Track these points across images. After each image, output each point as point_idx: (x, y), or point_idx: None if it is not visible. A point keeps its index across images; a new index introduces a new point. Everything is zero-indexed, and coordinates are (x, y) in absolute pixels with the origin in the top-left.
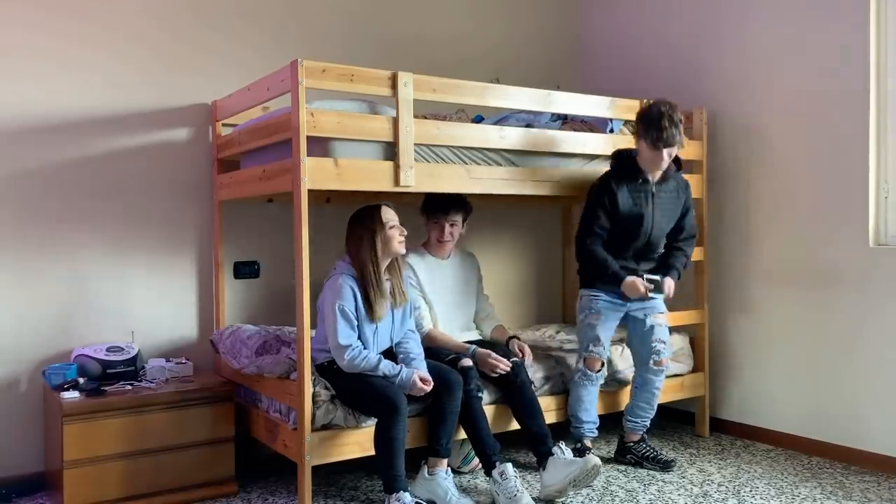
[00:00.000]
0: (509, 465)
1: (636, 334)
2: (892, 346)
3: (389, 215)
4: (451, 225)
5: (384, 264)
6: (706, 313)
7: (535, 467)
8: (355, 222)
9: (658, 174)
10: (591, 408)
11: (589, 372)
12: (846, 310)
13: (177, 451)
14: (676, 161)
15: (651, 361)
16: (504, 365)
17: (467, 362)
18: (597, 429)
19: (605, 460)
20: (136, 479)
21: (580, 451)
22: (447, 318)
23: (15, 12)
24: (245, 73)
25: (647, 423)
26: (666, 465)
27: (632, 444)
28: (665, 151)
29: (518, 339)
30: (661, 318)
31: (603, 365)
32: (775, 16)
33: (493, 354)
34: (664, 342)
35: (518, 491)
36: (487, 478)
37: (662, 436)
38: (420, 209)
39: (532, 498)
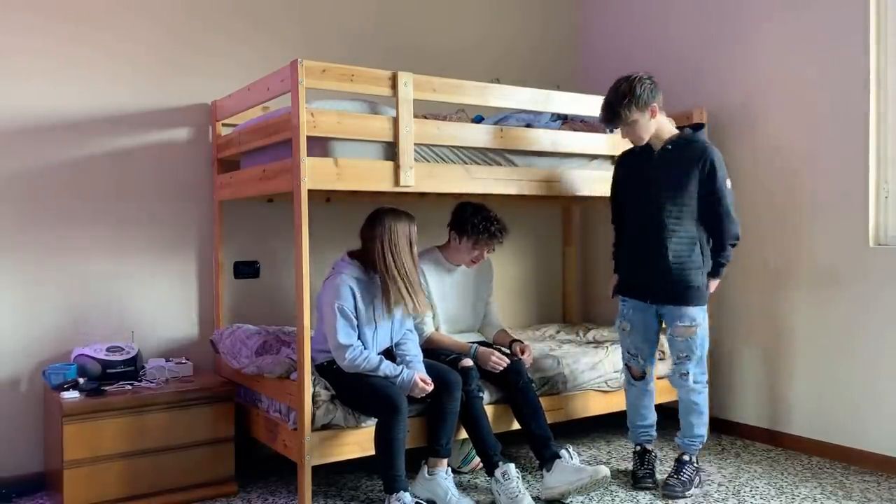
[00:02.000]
0: (512, 466)
1: (668, 341)
2: (891, 345)
3: (416, 234)
4: (486, 252)
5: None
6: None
7: (537, 467)
8: (387, 220)
9: (660, 142)
10: (645, 411)
11: (632, 379)
12: (846, 309)
13: (177, 451)
14: (695, 126)
15: (673, 373)
16: (504, 362)
17: (468, 362)
18: (654, 431)
19: (602, 462)
20: (136, 479)
21: (640, 455)
22: (453, 323)
23: (15, 14)
24: (245, 73)
25: (693, 441)
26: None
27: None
28: (622, 131)
29: (521, 342)
30: (680, 329)
31: (644, 373)
32: (774, 16)
33: (496, 353)
34: (685, 356)
35: (520, 492)
36: (489, 477)
37: (663, 436)
38: (461, 227)
39: (532, 498)
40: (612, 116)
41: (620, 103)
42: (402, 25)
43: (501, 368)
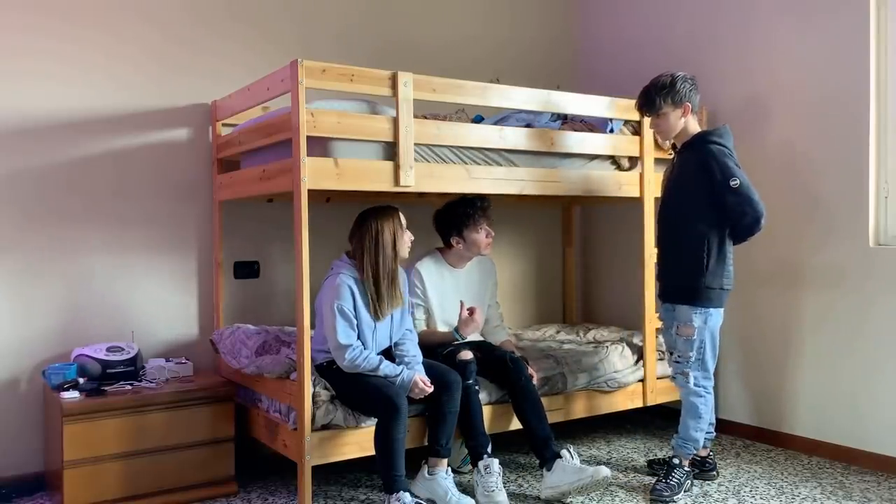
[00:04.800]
0: (495, 462)
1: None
2: (891, 345)
3: (404, 220)
4: (489, 224)
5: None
6: None
7: (536, 468)
8: (371, 220)
9: (682, 142)
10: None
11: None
12: (846, 310)
13: (177, 451)
14: (701, 136)
15: (674, 372)
16: (480, 315)
17: (466, 355)
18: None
19: (602, 462)
20: (135, 479)
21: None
22: (453, 326)
23: (16, 15)
24: (245, 73)
25: (686, 443)
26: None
27: (697, 459)
28: (651, 123)
29: (527, 360)
30: (680, 328)
31: (683, 375)
32: (774, 16)
33: (471, 318)
34: (681, 356)
35: (496, 487)
36: (473, 468)
37: (663, 436)
38: (457, 223)
39: (535, 497)
40: (646, 102)
41: (658, 92)
42: (402, 27)
43: (480, 322)
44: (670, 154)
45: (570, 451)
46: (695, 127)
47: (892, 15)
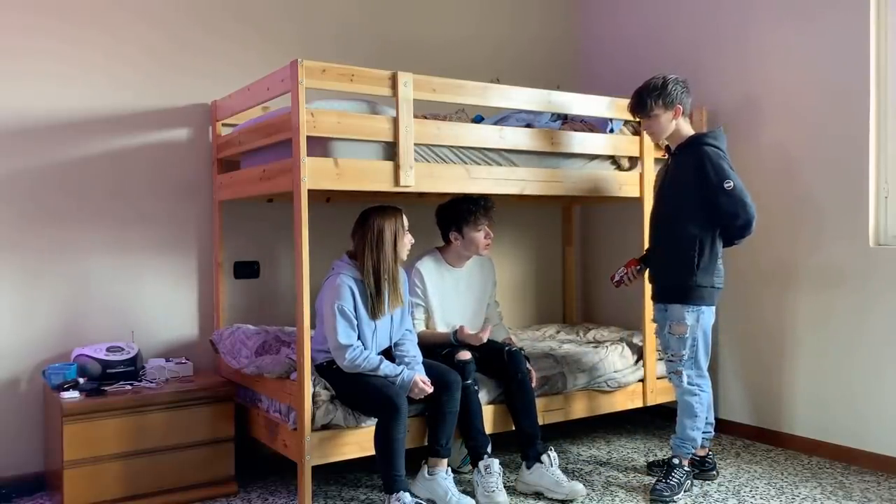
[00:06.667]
0: (495, 462)
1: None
2: (891, 345)
3: (406, 222)
4: (490, 225)
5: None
6: None
7: (520, 457)
8: (373, 219)
9: (675, 144)
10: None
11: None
12: (846, 310)
13: (177, 451)
14: (696, 138)
15: (668, 371)
16: (486, 333)
17: (465, 356)
18: (702, 437)
19: (601, 462)
20: (135, 479)
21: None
22: (453, 325)
23: (16, 15)
24: (245, 73)
25: (684, 443)
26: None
27: (696, 459)
28: (643, 124)
29: (528, 359)
30: (672, 327)
31: (676, 374)
32: (775, 16)
33: (474, 336)
34: (673, 354)
35: (496, 488)
36: (473, 468)
37: (663, 436)
38: (457, 220)
39: (535, 497)
40: (637, 104)
41: (650, 94)
42: (402, 28)
43: (486, 338)
44: (664, 156)
45: (550, 457)
46: (687, 129)
47: (893, 15)
